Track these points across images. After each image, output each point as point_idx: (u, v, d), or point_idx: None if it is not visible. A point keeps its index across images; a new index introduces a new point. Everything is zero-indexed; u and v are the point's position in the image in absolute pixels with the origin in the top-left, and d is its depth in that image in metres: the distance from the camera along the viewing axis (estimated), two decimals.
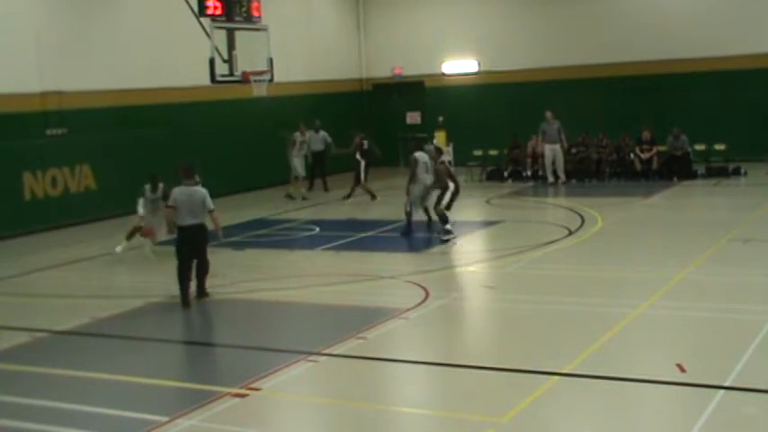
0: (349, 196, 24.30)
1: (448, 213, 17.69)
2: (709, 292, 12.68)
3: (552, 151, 26.18)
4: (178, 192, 13.27)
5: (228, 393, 9.28)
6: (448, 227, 17.38)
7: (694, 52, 27.73)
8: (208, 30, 18.93)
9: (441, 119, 29.13)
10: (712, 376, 9.08)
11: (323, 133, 26.44)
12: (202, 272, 13.51)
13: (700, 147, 26.44)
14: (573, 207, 20.90)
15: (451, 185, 18.18)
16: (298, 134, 25.42)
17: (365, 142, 24.64)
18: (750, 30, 27.27)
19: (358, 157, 24.33)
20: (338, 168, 27.45)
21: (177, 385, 9.96)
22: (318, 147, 26.38)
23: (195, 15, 19.22)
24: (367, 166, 24.42)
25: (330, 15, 31.90)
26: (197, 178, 13.54)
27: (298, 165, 25.20)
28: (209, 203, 13.26)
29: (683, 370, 9.24)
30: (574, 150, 26.66)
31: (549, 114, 26.21)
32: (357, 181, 24.31)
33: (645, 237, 17.48)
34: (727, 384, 8.85)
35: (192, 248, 13.32)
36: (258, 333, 11.94)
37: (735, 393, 8.70)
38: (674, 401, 8.79)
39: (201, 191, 13.29)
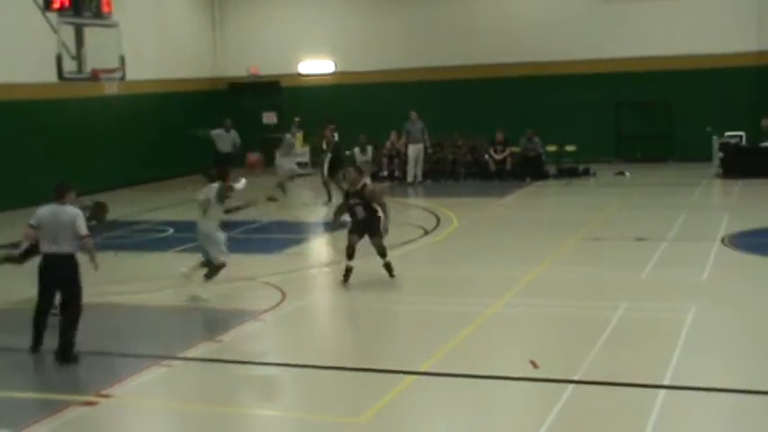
0: (330, 200, 21.89)
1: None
2: (561, 289, 12.99)
3: (415, 151, 26.43)
4: (43, 210, 10.63)
5: (78, 402, 8.93)
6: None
7: (548, 56, 28.49)
8: (54, 25, 18.24)
9: (297, 119, 28.94)
10: (563, 371, 9.30)
11: (233, 133, 24.97)
12: (68, 322, 10.41)
13: (551, 148, 27.20)
14: (429, 207, 21.14)
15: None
16: (289, 135, 24.01)
17: (336, 135, 23.39)
18: (599, 35, 28.17)
19: (324, 147, 22.93)
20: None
21: (23, 396, 9.51)
22: (226, 148, 24.66)
23: (40, 9, 18.46)
24: (334, 161, 22.34)
25: (184, 12, 31.25)
26: (71, 197, 10.80)
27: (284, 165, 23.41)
28: (81, 228, 10.43)
29: (535, 366, 9.42)
30: (430, 151, 26.97)
31: (413, 115, 26.45)
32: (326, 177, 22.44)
33: (499, 236, 17.80)
34: (576, 378, 9.08)
35: (53, 285, 10.59)
36: (110, 338, 11.51)
37: (584, 387, 8.93)
38: (528, 397, 8.96)
39: (72, 211, 10.56)
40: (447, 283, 13.68)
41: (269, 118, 31.82)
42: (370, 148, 24.37)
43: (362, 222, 13.66)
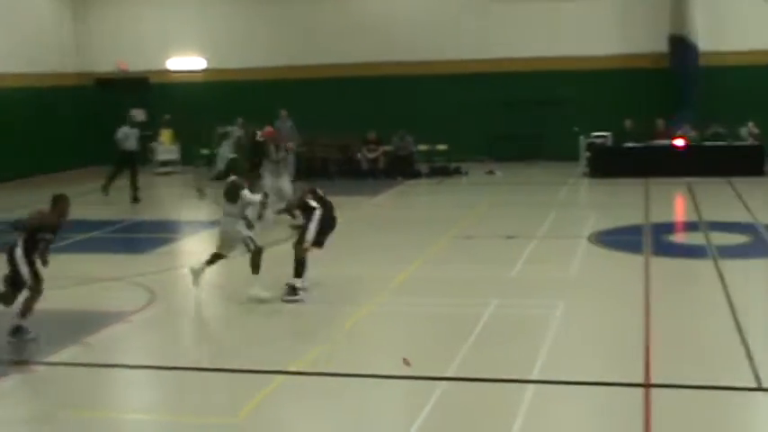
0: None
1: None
2: (433, 287, 13.08)
3: None
4: None
5: None
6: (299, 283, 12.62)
7: (420, 55, 28.70)
8: None
9: (167, 117, 28.42)
10: (435, 369, 9.35)
11: (136, 130, 23.65)
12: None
13: (423, 147, 27.46)
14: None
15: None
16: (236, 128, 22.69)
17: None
18: (471, 36, 28.57)
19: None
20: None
21: None
22: (132, 145, 23.23)
23: None
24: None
25: (42, 3, 30.14)
26: None
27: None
28: None
29: (407, 364, 9.43)
30: (294, 147, 26.80)
31: (283, 113, 26.25)
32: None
33: (372, 235, 17.80)
34: (448, 375, 9.15)
35: None
36: None
37: (455, 384, 9.01)
38: (400, 395, 8.97)
39: None
40: (321, 283, 13.58)
41: (137, 115, 31.02)
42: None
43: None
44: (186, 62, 31.03)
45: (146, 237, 18.01)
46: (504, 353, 9.96)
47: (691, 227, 17.99)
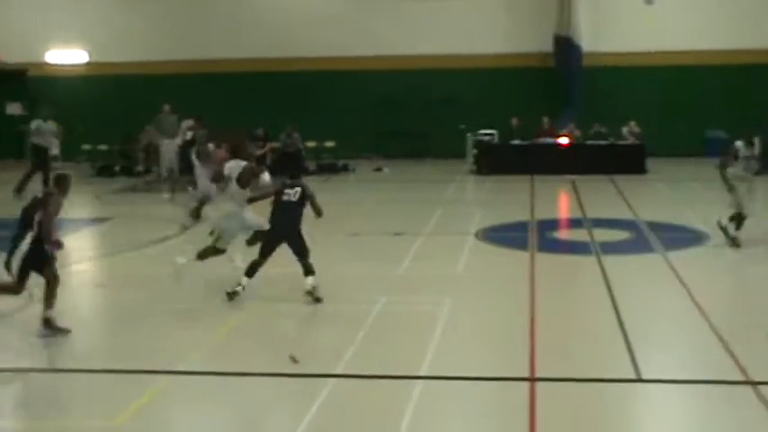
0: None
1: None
2: (321, 285, 12.91)
3: (168, 146, 25.69)
4: None
5: None
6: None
7: (307, 51, 28.58)
8: None
9: (46, 110, 27.49)
10: (323, 366, 9.26)
11: (51, 123, 21.94)
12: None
13: (311, 144, 27.33)
14: (186, 203, 20.56)
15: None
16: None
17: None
18: (361, 33, 28.60)
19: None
20: None
21: None
22: (47, 140, 21.71)
23: None
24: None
25: None
26: None
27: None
28: None
29: (295, 362, 9.31)
30: (179, 142, 26.33)
31: (167, 108, 25.70)
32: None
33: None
34: (336, 373, 9.08)
35: None
36: None
37: (344, 381, 8.95)
38: (288, 393, 8.84)
39: None
40: (206, 282, 13.29)
41: (14, 108, 29.95)
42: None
43: None
44: (66, 55, 30.11)
45: None
46: (392, 350, 9.94)
47: (575, 224, 18.32)
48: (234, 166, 12.69)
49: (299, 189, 12.10)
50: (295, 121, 26.61)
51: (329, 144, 27.68)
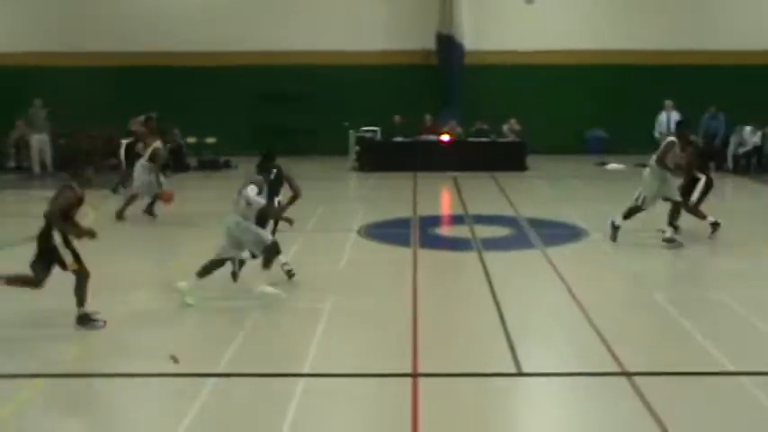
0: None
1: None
2: (201, 282, 12.67)
3: (39, 142, 24.95)
4: None
5: None
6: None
7: (187, 46, 28.10)
8: None
9: None
10: (204, 365, 9.11)
11: None
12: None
13: (192, 140, 26.90)
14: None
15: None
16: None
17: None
18: (242, 27, 28.30)
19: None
20: None
21: None
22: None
23: None
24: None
25: None
26: None
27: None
28: None
29: (176, 361, 9.10)
30: (62, 141, 25.62)
31: (37, 102, 24.95)
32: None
33: (137, 230, 17.19)
34: (218, 372, 8.93)
35: None
36: None
37: (225, 380, 8.80)
38: (168, 393, 8.62)
39: None
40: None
41: None
42: None
43: None
44: None
45: None
46: (273, 347, 9.83)
47: (456, 220, 18.48)
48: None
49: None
50: (175, 116, 26.12)
51: (210, 140, 27.27)
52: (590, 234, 16.08)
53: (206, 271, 11.62)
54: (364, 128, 26.41)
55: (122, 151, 20.66)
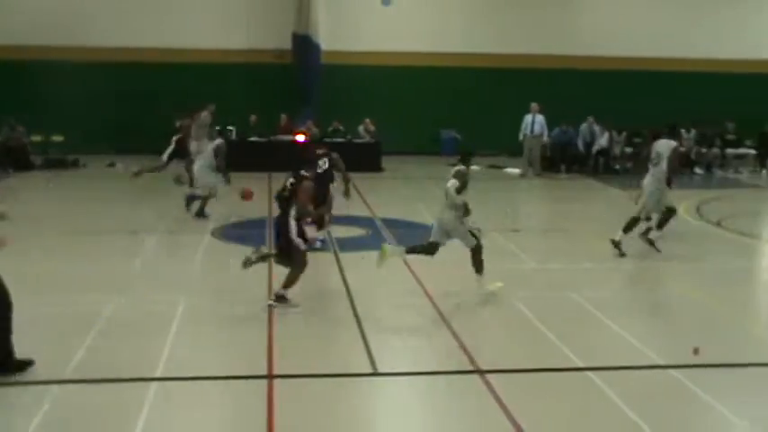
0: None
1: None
2: (52, 285, 12.23)
3: None
4: None
5: None
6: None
7: (32, 40, 27.06)
8: None
9: None
10: (52, 370, 8.79)
11: None
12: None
13: (37, 138, 25.99)
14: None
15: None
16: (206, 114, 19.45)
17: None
18: (89, 23, 27.48)
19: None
20: None
21: None
22: None
23: None
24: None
25: None
26: None
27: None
28: None
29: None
30: None
31: None
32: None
33: None
34: (65, 378, 8.64)
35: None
36: None
37: (74, 385, 8.53)
38: (11, 400, 8.26)
39: None
40: None
41: None
42: None
43: None
44: None
45: None
46: (125, 351, 9.54)
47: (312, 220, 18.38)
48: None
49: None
50: (19, 113, 25.18)
51: (57, 138, 26.38)
52: None
53: (415, 251, 12.24)
54: (219, 127, 26.00)
55: None
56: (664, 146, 14.95)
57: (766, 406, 8.55)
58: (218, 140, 17.84)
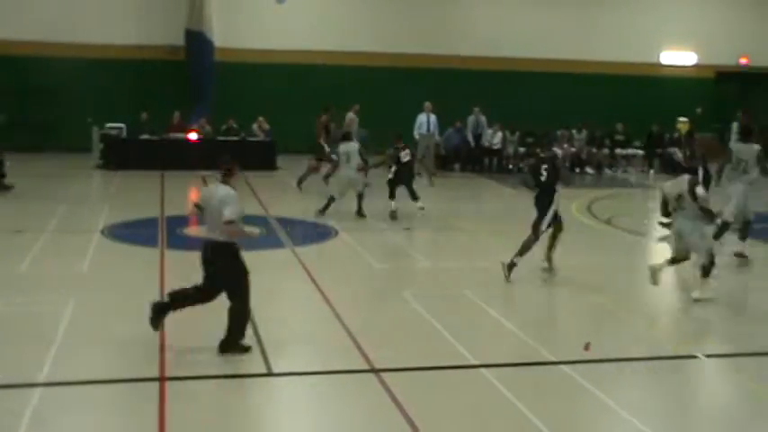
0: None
1: None
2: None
3: None
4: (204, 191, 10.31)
5: None
6: None
7: None
8: None
9: None
10: (24, 375, 8.52)
11: None
12: (232, 321, 9.42)
13: None
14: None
15: None
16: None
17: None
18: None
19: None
20: None
21: None
22: None
23: None
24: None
25: None
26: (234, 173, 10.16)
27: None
28: (228, 212, 9.35)
29: None
30: None
31: None
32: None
33: None
34: (40, 381, 8.41)
35: (205, 278, 9.75)
36: None
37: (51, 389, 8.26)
38: None
39: (223, 192, 9.74)
40: None
41: None
42: None
43: None
44: None
45: None
46: (7, 356, 9.21)
47: None
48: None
49: None
50: None
51: None
52: (339, 233, 16.27)
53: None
54: (109, 124, 25.46)
55: None
56: (747, 151, 14.91)
57: (648, 397, 8.79)
58: None
